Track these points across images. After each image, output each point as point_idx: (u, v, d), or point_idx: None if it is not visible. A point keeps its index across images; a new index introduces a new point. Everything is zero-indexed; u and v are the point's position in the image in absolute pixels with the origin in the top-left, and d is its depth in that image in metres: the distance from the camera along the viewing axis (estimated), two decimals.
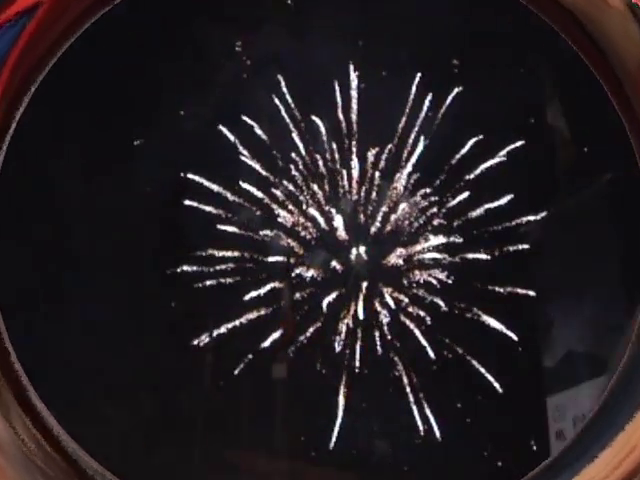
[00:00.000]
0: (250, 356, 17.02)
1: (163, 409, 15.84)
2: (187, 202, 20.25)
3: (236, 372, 18.14)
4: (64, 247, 21.52)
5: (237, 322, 24.53)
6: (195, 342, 16.15)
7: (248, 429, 15.22)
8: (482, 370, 25.04)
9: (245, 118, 25.85)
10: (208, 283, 18.98)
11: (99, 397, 16.14)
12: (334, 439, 23.04)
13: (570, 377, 12.04)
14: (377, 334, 27.68)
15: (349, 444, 21.78)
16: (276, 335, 21.51)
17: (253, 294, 25.70)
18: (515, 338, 24.77)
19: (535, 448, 22.82)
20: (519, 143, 27.69)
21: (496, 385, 25.66)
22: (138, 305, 16.84)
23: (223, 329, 20.73)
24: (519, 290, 21.67)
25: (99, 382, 15.94)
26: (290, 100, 27.07)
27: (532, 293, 15.47)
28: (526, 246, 15.64)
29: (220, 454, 15.24)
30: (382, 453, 21.43)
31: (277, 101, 26.58)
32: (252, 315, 25.06)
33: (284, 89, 26.84)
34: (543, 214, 12.56)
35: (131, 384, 15.99)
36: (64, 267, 21.62)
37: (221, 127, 26.25)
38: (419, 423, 25.44)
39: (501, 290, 23.68)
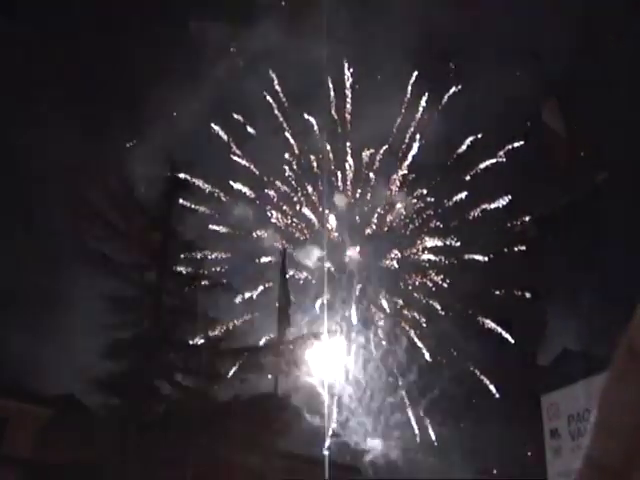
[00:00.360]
0: (245, 355, 16.85)
1: (159, 407, 15.69)
2: (180, 202, 19.97)
3: (231, 371, 17.92)
4: (59, 248, 21.03)
5: (232, 322, 24.10)
6: (190, 342, 16.00)
7: (243, 428, 15.17)
8: (477, 372, 24.67)
9: (239, 117, 25.33)
10: (202, 284, 18.70)
11: (96, 396, 16.00)
12: (329, 439, 22.66)
13: (565, 375, 12.01)
14: (372, 336, 27.15)
15: (344, 445, 21.47)
16: (271, 335, 21.16)
17: (247, 295, 25.22)
18: (511, 340, 24.33)
19: (529, 453, 22.48)
20: (516, 143, 27.24)
21: (491, 387, 25.24)
22: (133, 305, 16.66)
23: (218, 329, 20.30)
24: (515, 291, 21.42)
25: (96, 381, 15.82)
26: (284, 99, 26.43)
27: (528, 295, 15.44)
28: (522, 247, 15.65)
29: (216, 452, 15.14)
30: (376, 454, 21.15)
31: (270, 100, 25.98)
32: (246, 315, 24.58)
33: (277, 87, 26.29)
34: (539, 213, 12.54)
35: (127, 383, 15.85)
36: (60, 268, 21.15)
37: (214, 127, 25.70)
38: (414, 425, 25.01)
39: (497, 292, 23.41)
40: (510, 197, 30.43)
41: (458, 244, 30.87)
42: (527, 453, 23.49)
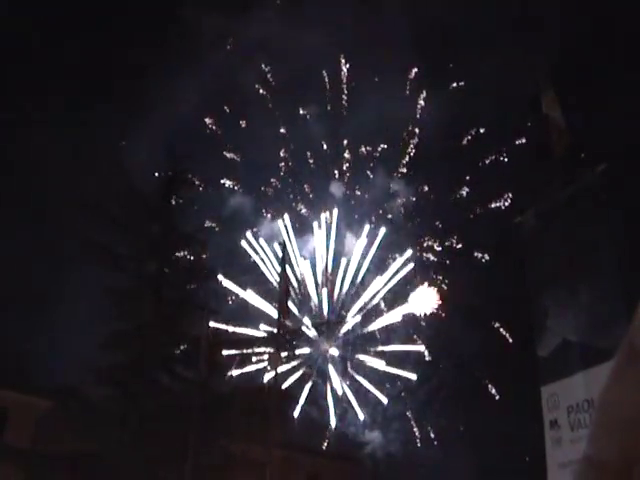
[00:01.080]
0: (245, 346, 16.82)
1: (160, 398, 15.72)
2: (175, 199, 19.89)
3: (234, 364, 17.86)
4: (60, 240, 20.97)
5: (233, 313, 23.73)
6: (193, 333, 15.99)
7: (244, 418, 15.21)
8: (478, 373, 24.56)
9: (233, 113, 25.22)
10: (201, 276, 18.67)
11: (96, 387, 16.00)
12: (328, 433, 22.60)
13: (565, 366, 12.09)
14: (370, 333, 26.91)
15: (343, 438, 21.46)
16: (271, 327, 21.02)
17: (246, 287, 24.98)
18: (510, 340, 24.25)
19: (528, 458, 22.48)
20: (517, 141, 27.03)
21: (490, 386, 25.21)
22: (133, 297, 16.66)
23: (220, 320, 20.25)
24: (515, 288, 21.24)
25: (97, 372, 15.82)
26: (279, 93, 26.29)
27: (527, 290, 15.39)
28: (522, 242, 15.61)
29: (216, 443, 15.18)
30: (375, 446, 21.14)
31: (265, 93, 25.88)
32: (247, 307, 24.34)
33: (272, 82, 26.19)
34: (540, 204, 12.59)
35: (127, 375, 15.85)
36: (60, 260, 21.07)
37: (208, 123, 25.70)
38: (413, 423, 24.95)
39: (496, 289, 23.16)
40: (511, 194, 30.32)
41: (459, 246, 30.75)
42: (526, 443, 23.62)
